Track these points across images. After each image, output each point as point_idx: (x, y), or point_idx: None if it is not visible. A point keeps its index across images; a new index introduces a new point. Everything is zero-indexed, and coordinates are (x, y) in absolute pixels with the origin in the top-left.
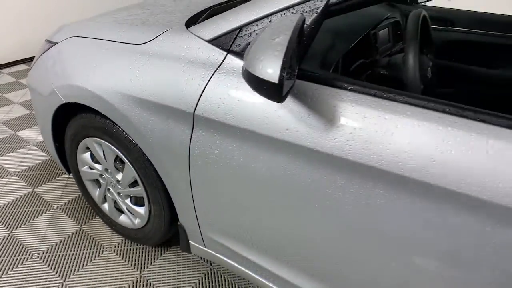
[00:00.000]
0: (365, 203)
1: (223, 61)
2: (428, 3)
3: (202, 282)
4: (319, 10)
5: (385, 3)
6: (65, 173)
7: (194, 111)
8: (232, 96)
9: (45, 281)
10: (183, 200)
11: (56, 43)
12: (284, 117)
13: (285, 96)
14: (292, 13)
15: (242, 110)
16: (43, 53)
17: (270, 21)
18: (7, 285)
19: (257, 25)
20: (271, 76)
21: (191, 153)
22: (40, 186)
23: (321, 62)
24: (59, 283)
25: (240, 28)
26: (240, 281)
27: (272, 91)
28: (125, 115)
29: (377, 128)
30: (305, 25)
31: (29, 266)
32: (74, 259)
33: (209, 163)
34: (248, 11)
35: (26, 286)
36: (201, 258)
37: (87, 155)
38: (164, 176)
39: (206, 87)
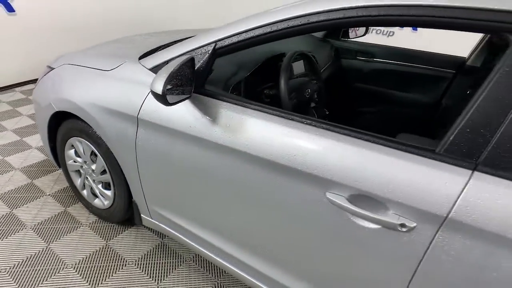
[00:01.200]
0: (237, 174)
1: None
2: (357, 39)
3: (153, 251)
4: (209, 52)
5: (320, 39)
6: (57, 169)
7: (138, 115)
8: (159, 105)
9: (34, 244)
10: (134, 181)
11: (53, 68)
12: (188, 118)
13: (174, 103)
14: (196, 53)
15: (166, 114)
16: (44, 75)
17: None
18: (7, 245)
19: (177, 60)
20: (158, 90)
21: (136, 145)
22: (38, 178)
23: (224, 84)
24: (44, 246)
25: (167, 62)
26: (184, 252)
27: (160, 99)
28: (96, 119)
29: (239, 124)
30: (200, 62)
31: (23, 234)
32: (57, 231)
33: (147, 152)
34: (172, 51)
35: (20, 246)
36: (154, 233)
37: (72, 151)
38: (121, 163)
39: (146, 99)
